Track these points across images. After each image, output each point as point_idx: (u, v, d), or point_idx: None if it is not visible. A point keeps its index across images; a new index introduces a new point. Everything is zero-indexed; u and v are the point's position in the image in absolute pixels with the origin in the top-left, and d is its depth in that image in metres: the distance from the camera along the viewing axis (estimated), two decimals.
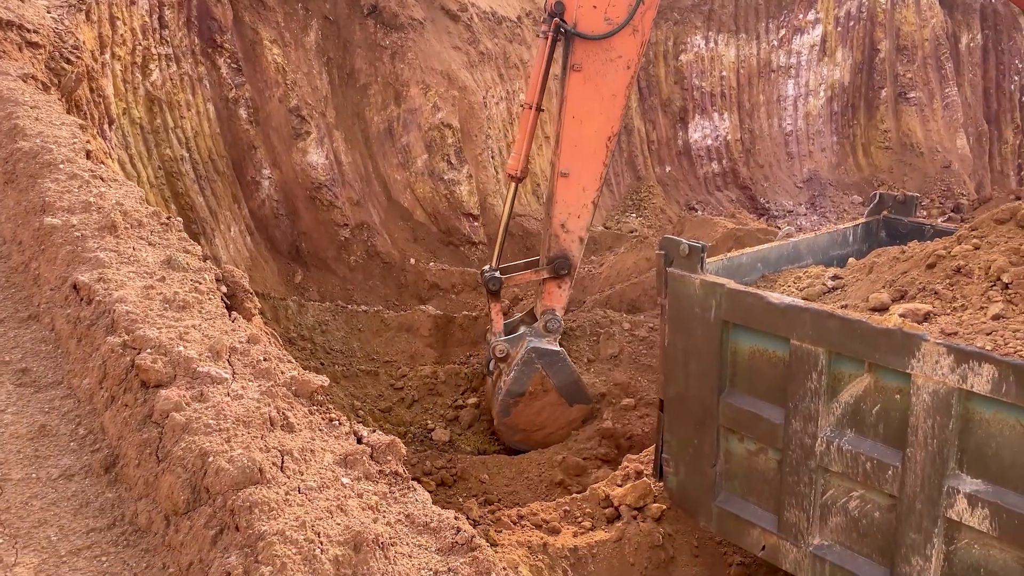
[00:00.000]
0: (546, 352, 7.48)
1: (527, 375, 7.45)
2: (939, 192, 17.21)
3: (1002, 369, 3.60)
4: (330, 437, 2.43)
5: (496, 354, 7.54)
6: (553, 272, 7.42)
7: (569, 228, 7.33)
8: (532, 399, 7.46)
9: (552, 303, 7.55)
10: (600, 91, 7.00)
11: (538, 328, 7.56)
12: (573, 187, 7.23)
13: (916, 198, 6.77)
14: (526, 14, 13.80)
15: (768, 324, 4.67)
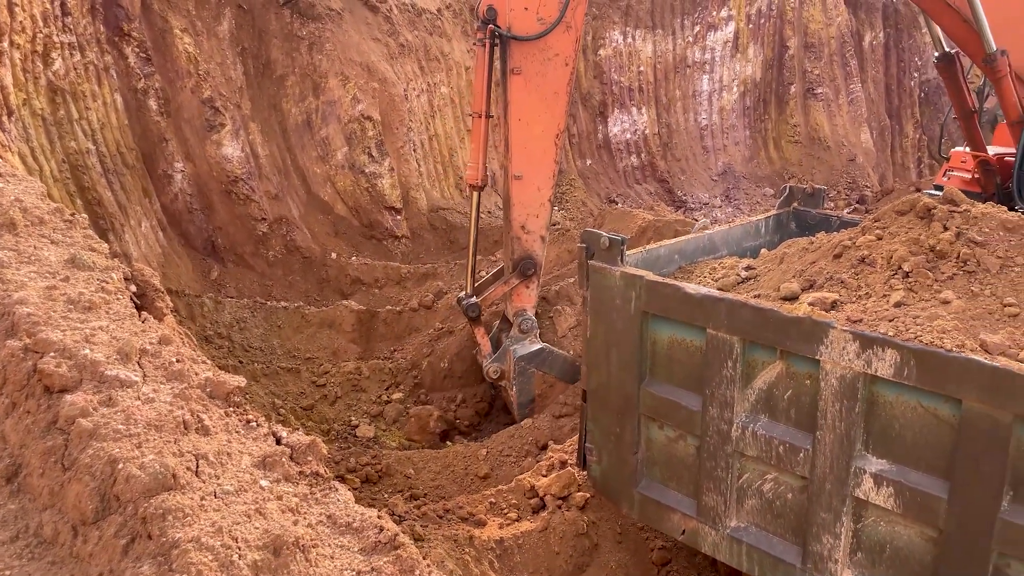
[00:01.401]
0: (532, 355, 7.65)
1: (527, 383, 7.70)
2: (845, 184, 17.94)
3: (903, 354, 3.79)
4: (248, 439, 2.37)
5: (491, 376, 7.75)
6: (521, 275, 7.53)
7: (529, 229, 7.41)
8: (544, 400, 7.68)
9: (523, 304, 7.67)
10: (542, 91, 7.05)
11: (515, 334, 7.70)
12: (528, 188, 7.28)
13: (823, 191, 7.04)
14: (446, 6, 13.72)
15: (685, 314, 4.78)
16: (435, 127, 13.21)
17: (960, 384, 3.61)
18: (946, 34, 9.60)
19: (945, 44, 10.38)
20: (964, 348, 3.69)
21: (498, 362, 7.70)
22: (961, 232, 4.38)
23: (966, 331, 3.82)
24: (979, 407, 3.57)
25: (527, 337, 7.66)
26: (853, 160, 18.56)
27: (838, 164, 18.45)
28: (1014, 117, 9.38)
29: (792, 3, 18.72)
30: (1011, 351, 3.70)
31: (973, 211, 4.51)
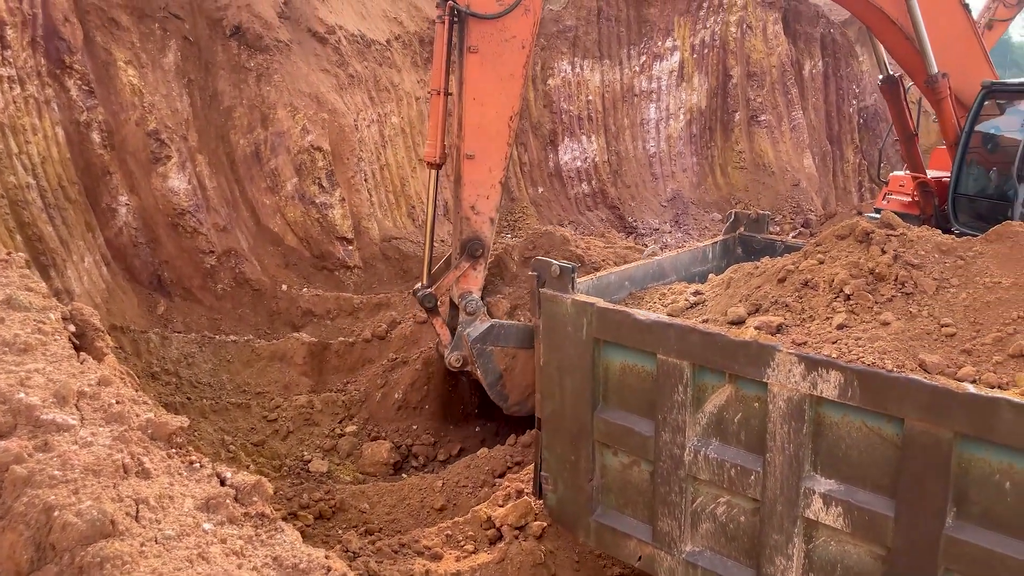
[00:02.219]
0: (484, 334, 7.40)
1: (489, 362, 7.48)
2: (790, 208, 18.38)
3: (847, 375, 3.88)
4: (190, 481, 2.31)
5: (455, 365, 7.54)
6: (469, 256, 7.37)
7: (479, 210, 7.31)
8: (511, 373, 7.49)
9: (469, 286, 7.49)
10: (498, 71, 7.06)
11: (463, 318, 7.51)
12: (479, 169, 7.22)
13: (767, 216, 7.21)
14: (395, 37, 13.78)
15: (636, 340, 4.84)
16: (386, 157, 13.20)
17: (901, 403, 3.71)
18: (890, 54, 9.89)
19: (889, 67, 10.72)
20: (904, 368, 3.79)
21: (457, 350, 7.49)
22: (898, 255, 4.52)
23: (906, 351, 3.93)
24: (920, 426, 3.66)
25: (475, 318, 7.46)
26: (797, 185, 19.04)
27: (783, 189, 18.91)
28: (952, 139, 9.65)
29: (734, 34, 19.24)
30: (949, 370, 3.82)
31: (909, 234, 4.66)
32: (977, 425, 3.51)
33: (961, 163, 9.48)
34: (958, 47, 9.52)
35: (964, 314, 4.11)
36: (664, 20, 18.25)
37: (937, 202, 10.21)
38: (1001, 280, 4.20)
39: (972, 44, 9.74)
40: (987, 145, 9.62)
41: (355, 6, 13.24)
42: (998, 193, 9.27)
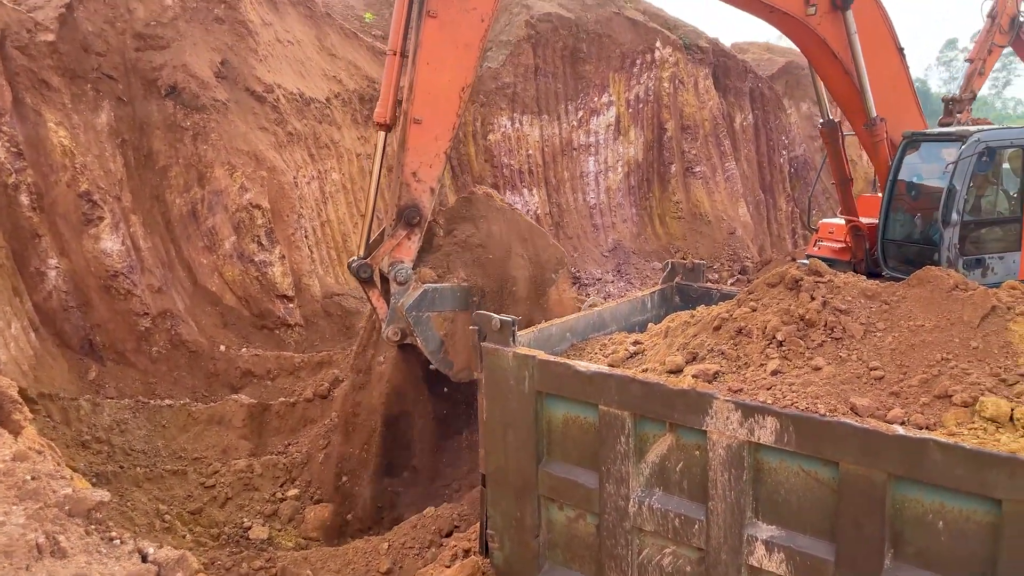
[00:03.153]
0: (418, 300, 7.11)
1: (427, 329, 7.20)
2: (727, 256, 18.82)
3: (782, 420, 3.94)
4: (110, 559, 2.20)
5: (392, 339, 7.26)
6: (406, 224, 7.12)
7: (421, 177, 7.11)
8: (452, 338, 7.21)
9: (400, 255, 7.22)
10: (455, 39, 6.98)
11: (395, 289, 7.22)
12: (426, 135, 7.06)
13: (703, 265, 7.36)
14: (335, 95, 13.85)
15: (578, 392, 4.84)
16: (327, 213, 13.15)
17: (836, 447, 3.77)
18: (831, 93, 9.98)
19: (829, 111, 10.96)
20: (836, 412, 3.87)
21: (394, 323, 7.18)
22: (827, 301, 4.65)
23: (837, 395, 4.02)
24: (855, 469, 3.73)
25: (407, 288, 7.17)
26: (733, 233, 19.53)
27: (719, 237, 19.37)
28: (883, 182, 9.83)
29: (667, 89, 19.87)
30: (879, 412, 3.91)
31: (836, 281, 4.81)
32: (908, 466, 3.59)
33: (888, 209, 9.74)
34: (893, 92, 9.73)
35: (891, 357, 4.23)
36: (599, 76, 18.76)
37: (868, 246, 10.43)
38: (924, 323, 4.35)
39: (906, 90, 9.96)
40: (911, 192, 9.94)
41: (294, 65, 13.30)
42: (924, 238, 9.56)
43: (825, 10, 8.79)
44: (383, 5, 17.74)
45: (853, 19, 9.00)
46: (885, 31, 9.50)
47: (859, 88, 9.35)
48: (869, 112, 9.46)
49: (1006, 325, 4.21)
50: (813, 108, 25.92)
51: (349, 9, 16.99)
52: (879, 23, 9.39)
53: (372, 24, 16.77)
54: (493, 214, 7.93)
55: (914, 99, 10.03)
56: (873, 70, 9.34)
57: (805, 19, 8.72)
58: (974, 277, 8.82)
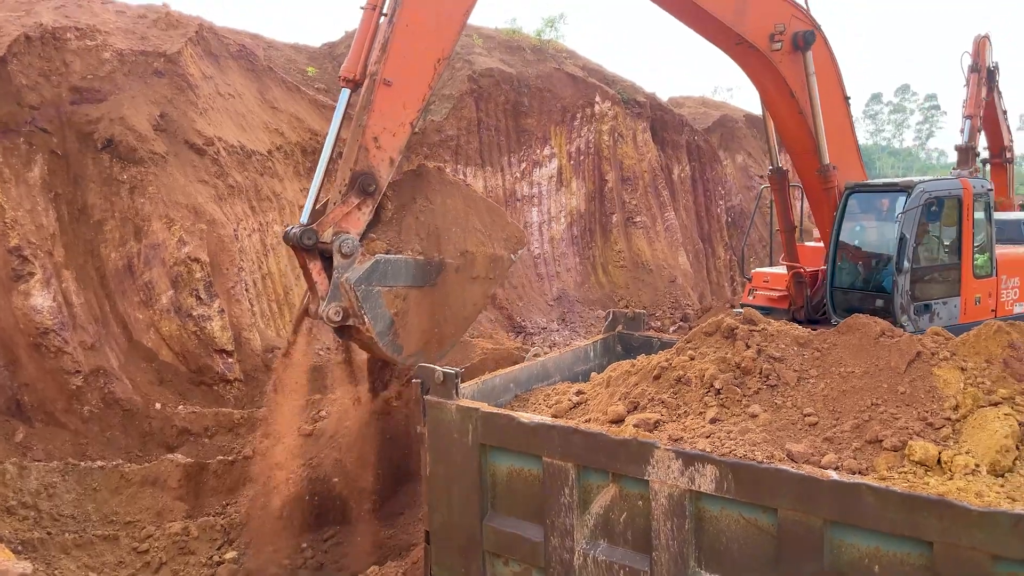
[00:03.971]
0: (368, 272, 6.36)
1: (377, 306, 6.37)
2: (669, 304, 19.15)
3: (721, 468, 4.00)
4: None
5: (333, 319, 6.34)
6: (360, 192, 6.42)
7: (382, 144, 6.52)
8: (403, 317, 6.40)
9: (348, 226, 6.44)
10: (439, 7, 6.71)
11: (339, 262, 6.34)
12: (394, 100, 6.55)
13: (643, 314, 7.48)
14: (276, 148, 13.81)
15: (522, 444, 4.84)
16: (268, 266, 12.99)
17: (774, 494, 3.84)
18: (784, 139, 9.91)
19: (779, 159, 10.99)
20: (773, 459, 3.95)
21: (335, 300, 6.33)
22: (762, 349, 4.77)
23: (774, 442, 4.10)
24: (792, 515, 3.79)
25: (352, 261, 6.37)
26: (674, 281, 19.91)
27: (661, 285, 19.72)
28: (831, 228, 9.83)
29: (607, 141, 20.36)
30: (814, 458, 4.00)
31: (769, 329, 4.94)
32: (843, 511, 3.67)
33: (834, 258, 9.96)
34: (839, 140, 9.81)
35: (824, 403, 4.35)
36: (541, 129, 19.14)
37: (809, 293, 10.54)
38: (854, 369, 4.49)
39: (850, 139, 10.08)
40: (858, 241, 10.19)
41: (235, 118, 13.25)
42: (875, 286, 9.75)
43: (788, 49, 8.89)
44: (326, 59, 17.90)
45: (812, 60, 9.11)
46: (835, 78, 9.62)
47: (813, 132, 9.38)
48: (822, 158, 9.52)
49: (931, 370, 4.37)
50: (747, 160, 26.83)
51: (291, 63, 17.07)
52: (830, 69, 9.52)
53: (315, 78, 16.86)
54: (447, 187, 7.30)
55: (857, 149, 10.23)
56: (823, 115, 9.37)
57: (770, 54, 8.80)
58: (924, 322, 9.09)
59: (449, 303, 6.66)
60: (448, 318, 6.71)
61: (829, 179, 9.62)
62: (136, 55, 11.99)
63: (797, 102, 9.18)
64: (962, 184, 9.80)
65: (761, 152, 28.47)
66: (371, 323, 6.35)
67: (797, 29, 8.76)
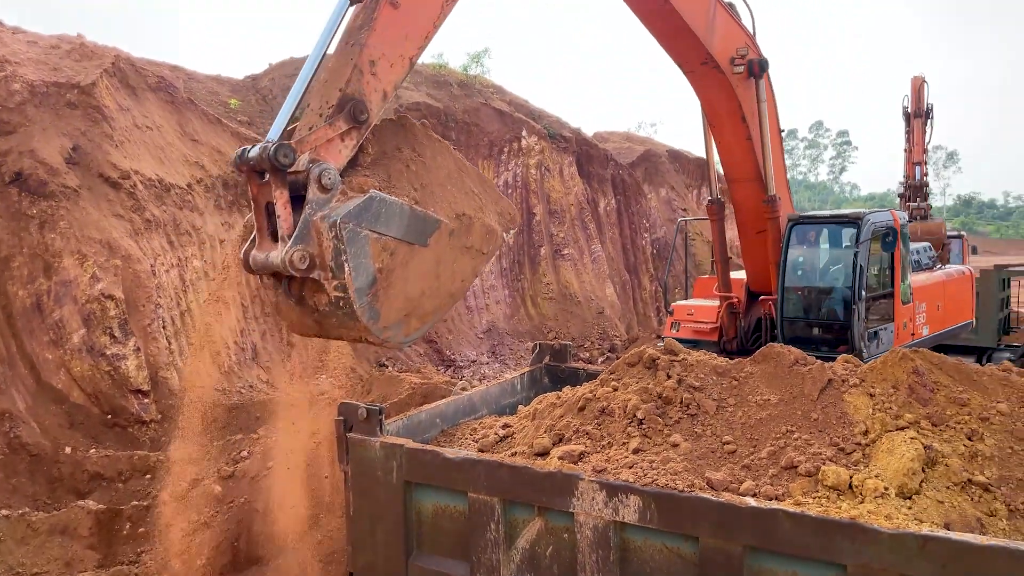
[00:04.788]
0: (360, 209, 5.04)
1: (362, 254, 5.06)
2: (597, 335, 19.36)
3: (644, 498, 4.03)
4: None
5: (297, 266, 4.93)
6: (349, 117, 5.36)
7: (377, 71, 5.60)
8: (387, 277, 5.15)
9: (327, 157, 5.25)
10: None
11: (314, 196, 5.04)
12: (397, 26, 5.73)
13: (569, 346, 7.55)
14: (196, 181, 13.50)
15: (447, 480, 4.79)
16: (188, 302, 12.62)
17: (695, 522, 3.89)
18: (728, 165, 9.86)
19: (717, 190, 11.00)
20: (694, 487, 4.00)
21: (302, 243, 4.96)
22: (682, 379, 4.86)
23: (694, 471, 4.17)
24: (713, 542, 3.85)
25: (331, 198, 5.13)
26: (602, 312, 20.16)
27: (589, 317, 19.94)
28: (775, 259, 10.06)
29: (534, 175, 20.61)
30: (732, 486, 4.08)
31: (689, 359, 5.04)
32: (761, 537, 3.74)
33: (783, 289, 10.05)
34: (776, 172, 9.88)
35: (742, 431, 4.44)
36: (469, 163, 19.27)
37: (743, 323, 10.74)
38: (770, 397, 4.61)
39: (783, 172, 10.23)
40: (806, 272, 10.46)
41: (153, 151, 12.92)
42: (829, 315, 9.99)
43: (745, 74, 9.05)
44: (249, 91, 17.67)
45: (764, 88, 9.29)
46: (775, 111, 9.79)
47: (760, 159, 9.47)
48: (769, 187, 9.60)
49: (842, 397, 4.52)
50: (671, 193, 27.53)
51: (213, 95, 16.79)
52: (772, 102, 9.69)
53: (237, 110, 16.62)
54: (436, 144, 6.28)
55: (787, 182, 10.55)
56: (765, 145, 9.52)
57: (731, 76, 8.91)
58: (873, 348, 9.39)
59: (438, 272, 5.52)
60: (434, 290, 5.49)
61: (775, 209, 9.74)
62: (48, 86, 11.61)
63: (748, 128, 9.28)
64: (893, 216, 10.26)
65: (683, 186, 29.26)
66: (351, 273, 5.01)
67: (753, 56, 8.99)
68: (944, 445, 4.19)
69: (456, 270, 5.58)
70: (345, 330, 5.14)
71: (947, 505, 3.87)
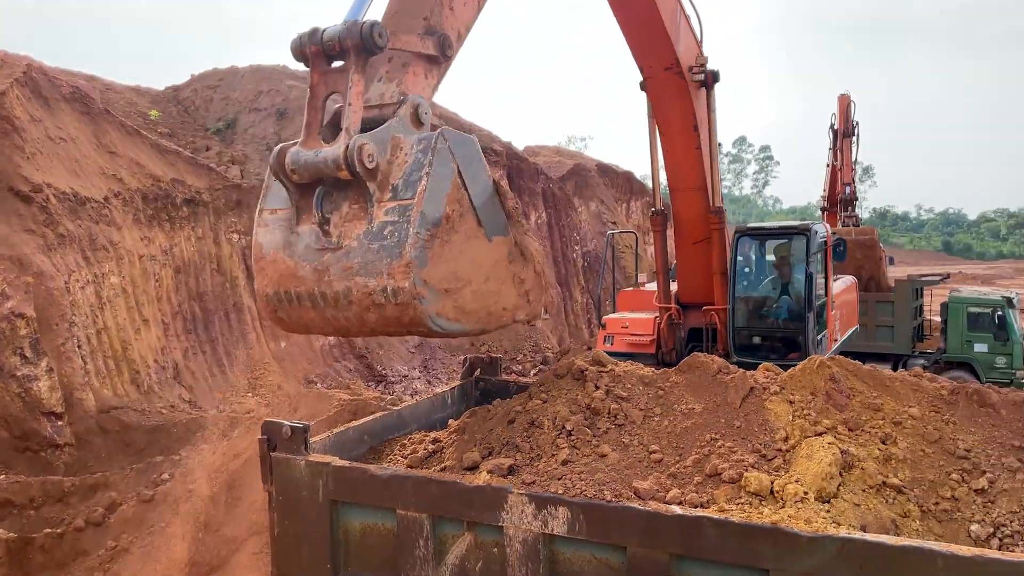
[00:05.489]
0: (461, 139, 4.60)
1: (442, 185, 4.33)
2: (530, 347, 19.45)
3: (573, 509, 4.03)
4: None
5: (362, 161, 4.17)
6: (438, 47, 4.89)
7: (455, 8, 5.17)
8: (450, 233, 4.40)
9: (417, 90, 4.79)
10: None
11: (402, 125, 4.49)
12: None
13: (500, 359, 7.52)
14: (114, 194, 13.06)
15: (375, 497, 4.70)
16: (105, 319, 12.16)
17: (622, 532, 3.91)
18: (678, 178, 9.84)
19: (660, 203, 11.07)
20: (621, 497, 4.03)
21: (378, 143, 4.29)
22: (610, 390, 4.90)
23: (622, 481, 4.20)
24: (641, 552, 3.87)
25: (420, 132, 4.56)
26: (533, 325, 20.27)
27: (522, 329, 20.01)
28: (720, 268, 10.12)
29: None
30: (659, 494, 4.12)
31: (617, 370, 5.09)
32: (687, 545, 3.78)
33: (733, 299, 10.15)
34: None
35: (668, 440, 4.50)
36: None
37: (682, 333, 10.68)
38: (694, 406, 4.69)
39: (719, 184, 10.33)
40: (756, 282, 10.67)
41: (67, 163, 12.45)
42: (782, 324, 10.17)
43: (698, 83, 9.24)
44: (170, 103, 17.22)
45: (713, 99, 9.46)
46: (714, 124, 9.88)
47: (707, 169, 9.55)
48: (715, 197, 9.68)
49: (763, 404, 4.63)
50: (600, 207, 27.93)
51: (132, 106, 16.31)
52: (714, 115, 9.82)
53: (158, 121, 16.16)
54: None
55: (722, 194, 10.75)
56: None
57: (690, 83, 9.03)
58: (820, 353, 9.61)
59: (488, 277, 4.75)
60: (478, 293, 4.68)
61: (722, 220, 9.86)
62: None
63: (698, 136, 9.41)
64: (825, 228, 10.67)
65: (613, 200, 29.73)
66: (425, 192, 4.24)
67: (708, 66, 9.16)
68: (860, 449, 4.33)
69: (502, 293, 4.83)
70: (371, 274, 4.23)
71: (863, 508, 3.99)
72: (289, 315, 4.68)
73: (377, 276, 4.21)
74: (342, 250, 4.32)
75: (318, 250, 4.41)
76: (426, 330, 4.40)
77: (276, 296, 4.62)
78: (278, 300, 4.62)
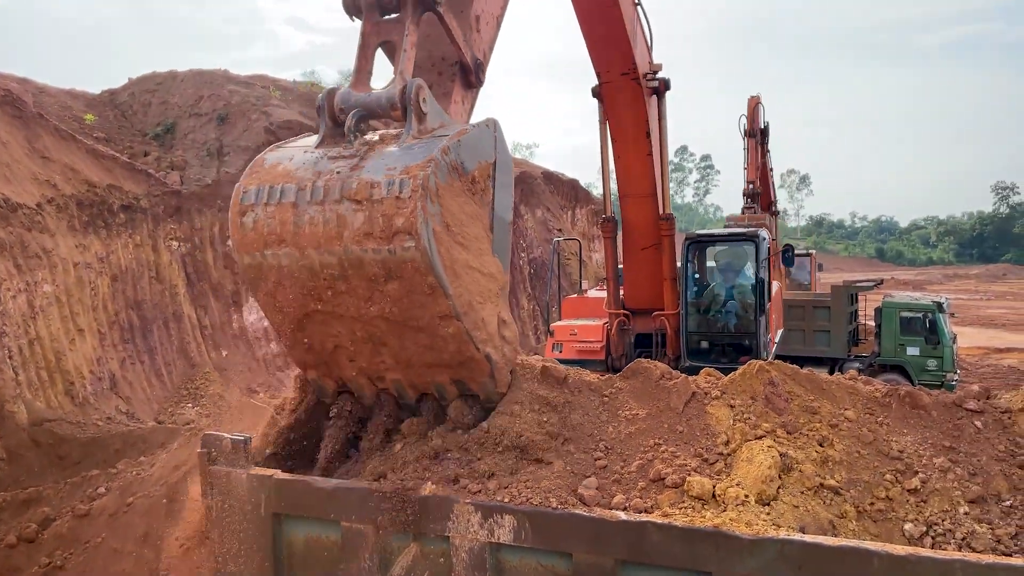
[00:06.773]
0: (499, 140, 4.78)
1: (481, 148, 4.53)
2: None
3: (519, 517, 4.05)
4: None
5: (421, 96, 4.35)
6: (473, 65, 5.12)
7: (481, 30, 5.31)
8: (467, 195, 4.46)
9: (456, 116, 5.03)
10: None
11: None
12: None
13: None
14: (48, 200, 12.63)
15: (319, 510, 4.64)
16: (37, 329, 11.74)
17: (568, 538, 3.94)
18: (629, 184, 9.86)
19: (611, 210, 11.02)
20: (567, 504, 4.06)
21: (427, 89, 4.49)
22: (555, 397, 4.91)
23: (568, 488, 4.22)
24: (586, 557, 3.90)
25: None
26: None
27: None
28: (671, 274, 10.17)
29: None
30: (604, 501, 4.16)
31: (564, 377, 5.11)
32: (632, 550, 3.83)
33: (685, 304, 10.27)
34: None
35: (612, 446, 4.54)
36: None
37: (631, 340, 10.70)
38: (639, 412, 4.74)
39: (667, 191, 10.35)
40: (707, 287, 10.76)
41: None
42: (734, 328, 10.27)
43: (651, 90, 9.31)
44: (106, 107, 16.77)
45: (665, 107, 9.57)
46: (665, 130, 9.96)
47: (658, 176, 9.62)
48: (665, 204, 9.74)
49: (705, 408, 4.71)
50: (546, 214, 28.07)
51: (67, 110, 15.82)
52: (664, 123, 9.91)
53: (94, 125, 15.70)
54: None
55: None
56: None
57: (645, 89, 9.10)
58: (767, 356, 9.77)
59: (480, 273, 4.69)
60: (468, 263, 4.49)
61: (672, 226, 9.92)
62: None
63: (650, 143, 9.49)
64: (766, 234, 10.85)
65: (558, 207, 29.91)
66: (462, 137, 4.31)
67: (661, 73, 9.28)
68: (798, 452, 4.43)
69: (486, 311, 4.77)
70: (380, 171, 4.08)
71: (802, 509, 4.08)
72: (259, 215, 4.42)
73: (388, 172, 4.07)
74: (357, 158, 4.26)
75: (331, 158, 4.37)
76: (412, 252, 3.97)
77: (256, 191, 4.42)
78: (256, 195, 4.41)
